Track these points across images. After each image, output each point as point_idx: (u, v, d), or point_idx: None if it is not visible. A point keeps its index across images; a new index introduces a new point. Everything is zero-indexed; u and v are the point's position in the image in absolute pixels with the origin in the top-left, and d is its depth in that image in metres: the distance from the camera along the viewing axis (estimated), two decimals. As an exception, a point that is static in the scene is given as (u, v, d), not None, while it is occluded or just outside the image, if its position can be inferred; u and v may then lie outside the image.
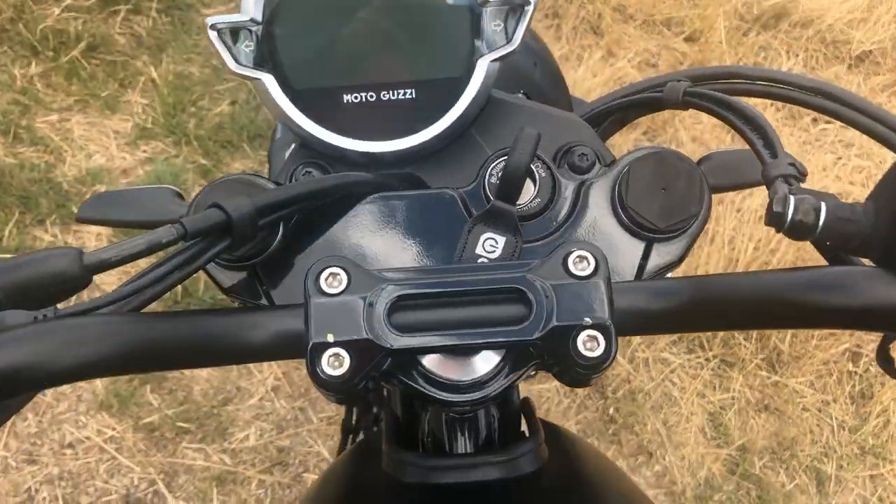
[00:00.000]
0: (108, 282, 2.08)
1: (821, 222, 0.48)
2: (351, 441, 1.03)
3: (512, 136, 0.65)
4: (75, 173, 2.23)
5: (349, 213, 0.61)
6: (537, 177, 0.61)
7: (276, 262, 0.60)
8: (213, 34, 0.60)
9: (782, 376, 2.33)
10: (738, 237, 2.39)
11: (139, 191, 0.81)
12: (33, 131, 2.30)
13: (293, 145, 0.66)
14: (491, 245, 0.57)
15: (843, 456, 2.20)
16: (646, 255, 0.60)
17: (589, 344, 0.48)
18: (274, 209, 0.55)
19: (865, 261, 0.53)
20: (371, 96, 0.63)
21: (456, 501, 0.59)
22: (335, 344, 0.48)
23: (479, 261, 0.57)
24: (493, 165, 0.63)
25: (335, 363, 0.48)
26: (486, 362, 0.52)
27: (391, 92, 0.63)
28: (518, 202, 0.59)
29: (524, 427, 0.69)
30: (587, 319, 0.48)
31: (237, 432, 1.89)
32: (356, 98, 0.63)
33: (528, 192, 0.61)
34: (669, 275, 0.60)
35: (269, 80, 0.61)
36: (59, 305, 0.50)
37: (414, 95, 0.63)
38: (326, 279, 0.50)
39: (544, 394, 2.15)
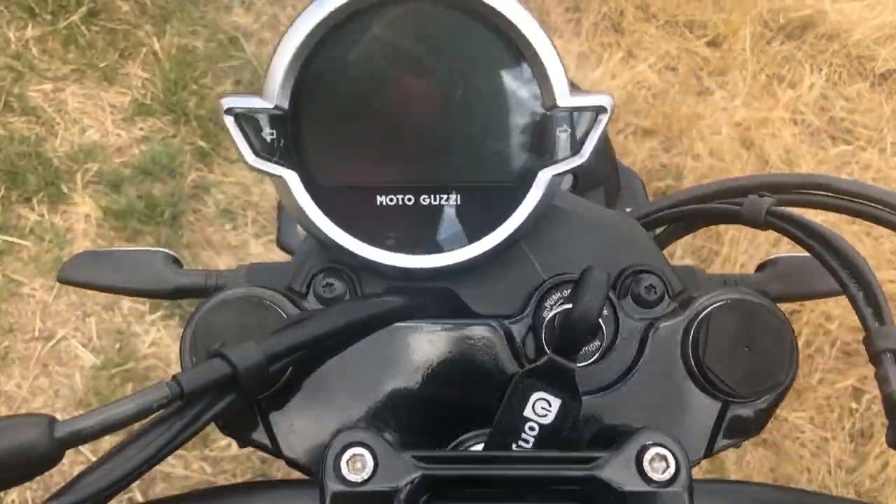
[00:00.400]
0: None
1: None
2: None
3: (566, 248, 0.56)
4: (67, 149, 2.12)
5: (372, 337, 0.52)
6: (598, 317, 0.52)
7: (282, 396, 0.51)
8: (229, 120, 0.50)
9: (782, 409, 2.26)
10: (751, 264, 2.31)
11: (130, 253, 0.71)
12: (25, 100, 2.18)
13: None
14: (543, 408, 0.48)
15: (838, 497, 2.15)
16: (720, 418, 0.51)
17: (663, 572, 0.40)
18: (288, 353, 0.46)
19: None
20: (409, 200, 0.54)
21: None
22: (356, 551, 0.39)
23: (528, 425, 0.48)
24: (546, 295, 0.54)
25: (353, 572, 0.40)
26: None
27: (433, 196, 0.54)
28: (574, 348, 0.50)
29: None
30: (663, 543, 0.40)
31: (219, 439, 1.81)
32: (391, 200, 0.53)
33: (586, 333, 0.52)
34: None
35: (291, 178, 0.52)
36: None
37: (459, 202, 0.54)
38: (348, 461, 0.41)
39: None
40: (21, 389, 1.80)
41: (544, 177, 0.52)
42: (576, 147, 0.52)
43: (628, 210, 0.77)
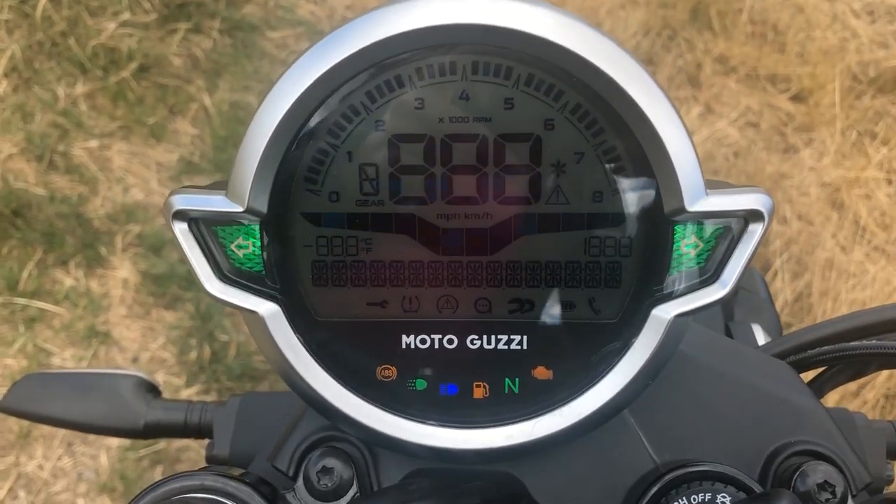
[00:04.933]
0: (128, 337, 1.85)
1: None
2: None
3: (690, 418, 0.37)
4: (108, 209, 2.02)
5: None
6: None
7: None
8: (180, 229, 0.33)
9: None
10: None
11: (93, 376, 0.55)
12: (70, 158, 2.09)
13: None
14: None
15: None
16: None
17: None
18: None
19: None
20: (449, 342, 0.35)
21: None
22: None
23: None
24: (663, 496, 0.34)
25: None
26: None
27: (486, 338, 0.35)
28: None
29: None
30: None
31: None
32: (424, 342, 0.35)
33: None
34: None
35: (272, 315, 0.34)
36: None
37: (527, 348, 0.35)
38: None
39: None
40: (43, 471, 1.65)
41: (662, 316, 0.33)
42: (710, 270, 0.33)
43: (759, 336, 0.57)
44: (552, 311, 0.35)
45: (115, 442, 1.72)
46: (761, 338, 0.59)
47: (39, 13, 2.30)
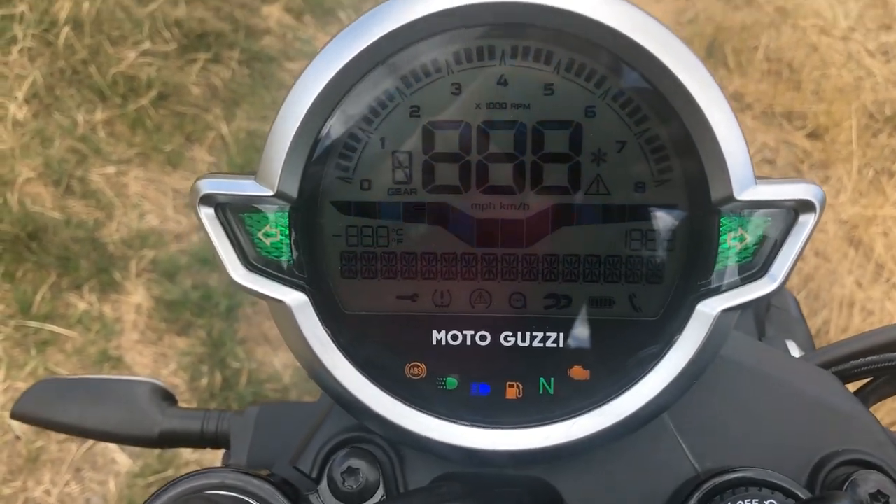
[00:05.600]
0: (140, 362, 1.84)
1: None
2: None
3: (731, 423, 0.35)
4: (124, 234, 2.02)
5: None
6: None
7: None
8: (206, 213, 0.32)
9: None
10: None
11: (108, 382, 0.53)
12: (87, 183, 2.10)
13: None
14: None
15: None
16: None
17: None
18: None
19: None
20: (482, 338, 0.34)
21: None
22: None
23: None
24: (704, 501, 0.33)
25: None
26: None
27: (521, 335, 0.34)
28: None
29: None
30: None
31: None
32: (455, 339, 0.34)
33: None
34: None
35: (299, 306, 0.33)
36: None
37: (562, 345, 0.34)
38: None
39: None
40: (50, 497, 1.63)
41: (707, 312, 0.32)
42: (758, 264, 0.32)
43: (794, 352, 0.56)
44: (590, 308, 0.34)
45: (123, 468, 1.70)
46: (796, 353, 0.57)
47: (62, 41, 2.33)
